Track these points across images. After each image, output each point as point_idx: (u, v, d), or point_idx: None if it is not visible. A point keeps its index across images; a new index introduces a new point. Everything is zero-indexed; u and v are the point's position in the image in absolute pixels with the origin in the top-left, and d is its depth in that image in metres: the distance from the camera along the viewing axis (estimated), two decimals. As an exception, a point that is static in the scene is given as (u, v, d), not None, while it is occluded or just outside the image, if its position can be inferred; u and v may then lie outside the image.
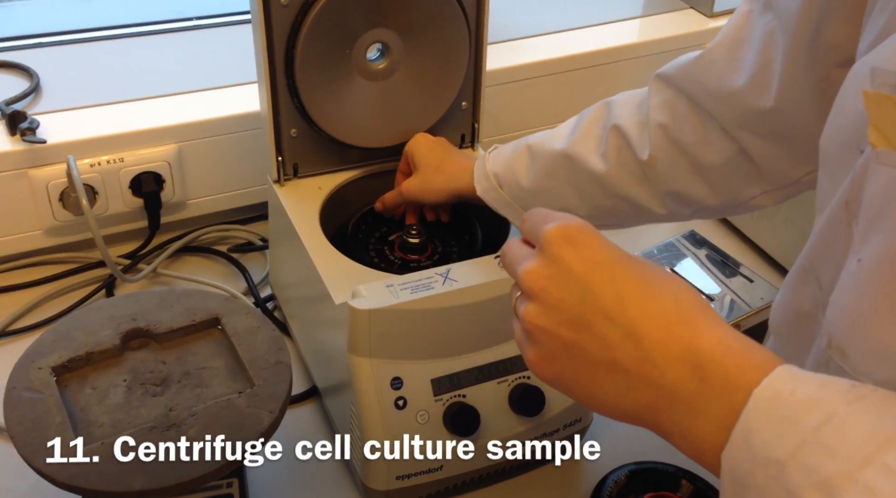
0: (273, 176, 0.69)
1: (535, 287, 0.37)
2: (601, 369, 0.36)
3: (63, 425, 0.50)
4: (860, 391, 0.31)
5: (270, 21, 0.62)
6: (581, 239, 0.37)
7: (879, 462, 0.29)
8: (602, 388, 0.36)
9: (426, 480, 0.59)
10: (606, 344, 0.36)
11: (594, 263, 0.36)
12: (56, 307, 0.77)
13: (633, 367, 0.35)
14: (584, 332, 0.36)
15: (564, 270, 0.37)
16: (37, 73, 0.84)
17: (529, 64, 0.92)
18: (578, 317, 0.36)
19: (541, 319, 0.37)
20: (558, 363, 0.38)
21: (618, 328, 0.35)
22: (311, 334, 0.69)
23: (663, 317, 0.35)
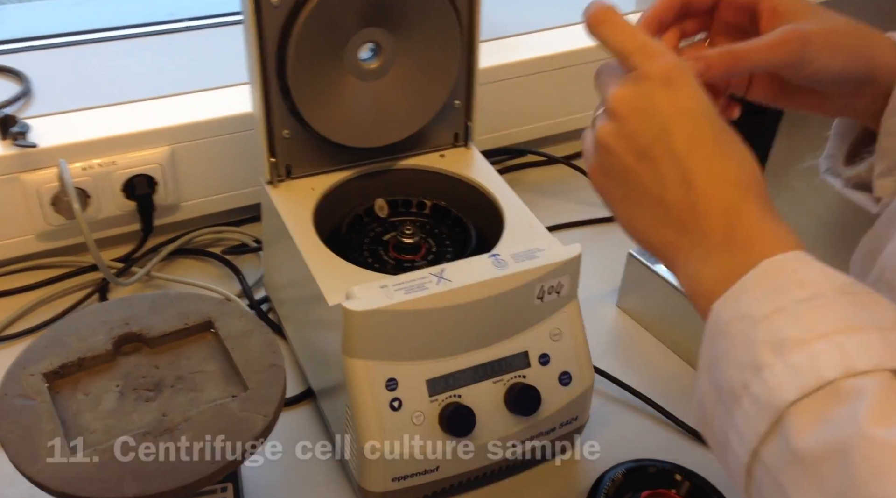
0: (266, 177, 0.68)
1: (620, 111, 0.40)
2: (646, 201, 0.39)
3: (55, 432, 0.50)
4: (856, 288, 0.34)
5: (261, 22, 0.61)
6: (678, 84, 0.39)
7: (834, 339, 0.32)
8: (640, 216, 0.40)
9: (422, 481, 0.59)
10: (661, 181, 0.39)
11: (680, 110, 0.39)
12: (49, 312, 0.76)
13: (675, 207, 0.38)
14: (647, 164, 0.39)
15: (651, 106, 0.39)
16: (28, 76, 0.84)
17: (523, 61, 0.91)
18: (647, 150, 0.39)
19: (613, 139, 0.40)
20: (612, 181, 0.41)
21: (677, 171, 0.38)
22: (306, 336, 0.69)
23: (722, 175, 0.38)
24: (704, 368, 0.37)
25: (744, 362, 0.34)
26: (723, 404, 0.35)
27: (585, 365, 0.63)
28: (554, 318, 0.61)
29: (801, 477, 0.31)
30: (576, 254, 0.60)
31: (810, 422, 0.31)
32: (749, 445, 0.33)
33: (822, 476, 0.30)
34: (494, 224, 0.67)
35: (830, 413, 0.31)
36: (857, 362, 0.32)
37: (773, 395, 0.32)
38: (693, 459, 0.65)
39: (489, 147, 0.95)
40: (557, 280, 0.60)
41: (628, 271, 0.78)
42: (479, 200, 0.70)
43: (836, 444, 0.30)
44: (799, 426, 0.31)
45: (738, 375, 0.34)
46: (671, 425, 0.69)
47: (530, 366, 0.60)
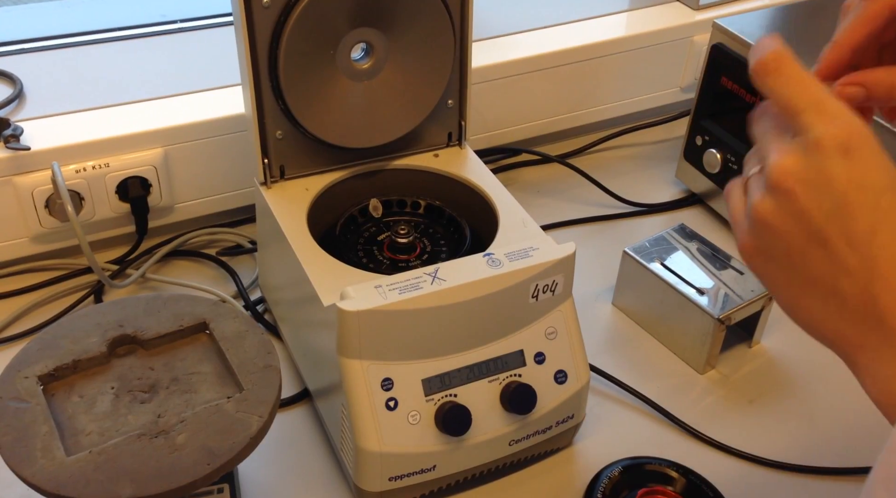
0: (259, 178, 0.68)
1: (785, 185, 0.34)
2: (817, 289, 0.34)
3: (50, 434, 0.50)
4: None
5: (252, 22, 0.61)
6: (859, 152, 0.33)
7: None
8: (809, 306, 0.35)
9: (419, 481, 0.59)
10: (836, 268, 0.34)
11: (861, 184, 0.33)
12: (44, 315, 0.76)
13: (853, 300, 0.33)
14: (817, 249, 0.34)
15: (825, 181, 0.33)
16: (20, 79, 0.84)
17: (516, 60, 0.91)
18: (819, 231, 0.34)
19: (776, 218, 0.35)
20: (772, 263, 0.36)
21: (856, 257, 0.33)
22: (301, 336, 0.69)
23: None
24: (883, 482, 0.31)
25: None
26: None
27: (581, 363, 0.63)
28: (549, 316, 0.61)
29: None
30: (570, 252, 0.60)
31: None
32: None
33: None
34: (489, 223, 0.67)
35: None
36: None
37: None
38: (689, 457, 0.66)
39: (483, 146, 0.95)
40: (552, 279, 0.60)
41: (623, 270, 0.78)
42: (473, 200, 0.70)
43: None
44: None
45: None
46: (667, 423, 0.69)
47: (526, 365, 0.61)
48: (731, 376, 0.74)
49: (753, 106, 0.76)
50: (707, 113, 0.87)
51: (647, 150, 1.01)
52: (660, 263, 0.75)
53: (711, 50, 0.85)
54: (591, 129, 1.01)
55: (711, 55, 0.85)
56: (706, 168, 0.88)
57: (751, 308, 0.72)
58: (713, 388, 0.73)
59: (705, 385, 0.73)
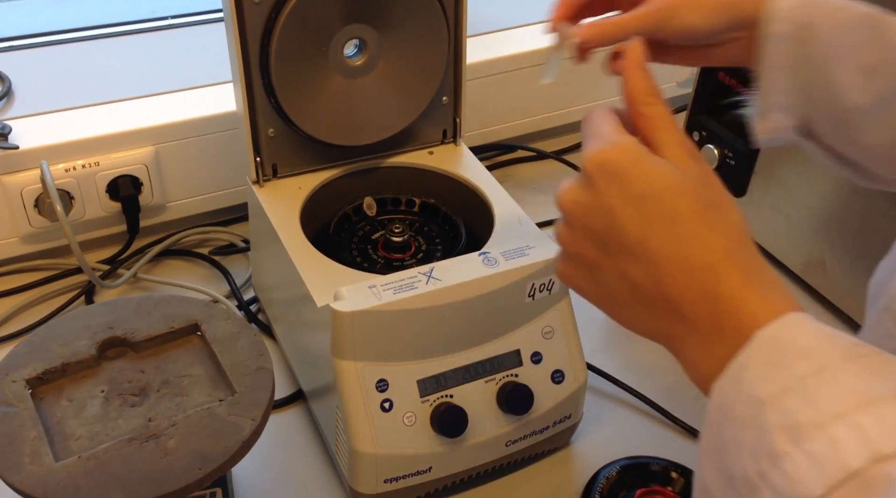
0: (252, 177, 0.67)
1: (565, 208, 0.38)
2: (623, 296, 0.37)
3: (39, 440, 0.49)
4: (861, 351, 0.32)
5: (243, 19, 0.60)
6: (619, 170, 0.36)
7: (852, 419, 0.29)
8: (622, 311, 0.38)
9: (415, 483, 0.59)
10: (627, 278, 0.36)
11: (626, 199, 0.36)
12: (34, 315, 0.75)
13: (653, 301, 0.36)
14: (608, 260, 0.37)
15: (595, 198, 0.37)
16: (8, 77, 0.83)
17: (510, 56, 0.90)
18: (603, 246, 0.37)
19: (567, 239, 0.39)
20: (582, 280, 0.39)
21: (640, 267, 0.36)
22: (295, 337, 0.68)
23: (684, 262, 0.35)
24: (709, 452, 0.34)
25: (757, 450, 0.31)
26: (735, 492, 0.32)
27: (578, 363, 0.62)
28: (546, 315, 0.61)
29: None
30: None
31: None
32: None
33: None
34: (484, 221, 0.66)
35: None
36: (881, 445, 0.29)
37: (797, 489, 0.30)
38: (688, 456, 0.65)
39: (478, 143, 0.94)
40: (549, 278, 0.59)
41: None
42: (468, 198, 0.69)
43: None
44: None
45: (752, 464, 0.31)
46: (666, 422, 0.69)
47: (522, 364, 0.60)
48: (730, 374, 0.73)
49: (751, 101, 0.75)
50: (704, 108, 0.87)
51: (643, 146, 1.00)
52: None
53: (708, 45, 0.84)
54: (587, 125, 1.00)
55: (708, 50, 0.84)
56: (703, 164, 0.87)
57: (749, 305, 0.72)
58: (711, 386, 0.72)
59: (703, 383, 0.72)
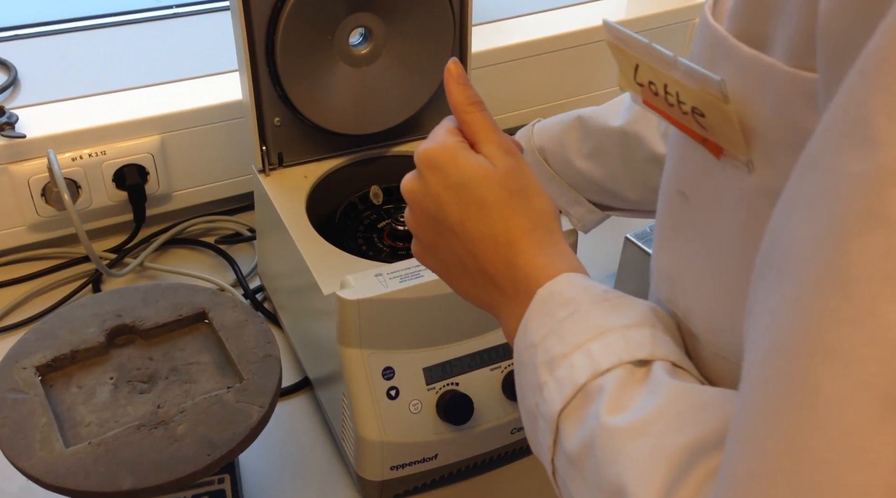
0: (258, 165, 0.68)
1: (407, 197, 0.45)
2: (455, 270, 0.44)
3: (49, 426, 0.49)
4: (608, 296, 0.39)
5: (249, 8, 0.60)
6: (439, 163, 0.43)
7: (586, 346, 0.36)
8: (458, 283, 0.44)
9: (421, 470, 0.59)
10: (455, 254, 0.43)
11: (446, 186, 0.42)
12: (42, 304, 0.76)
13: (475, 274, 0.43)
14: (440, 240, 0.43)
15: (424, 188, 0.43)
16: (14, 66, 0.83)
17: (515, 45, 0.90)
18: (435, 228, 0.43)
19: (411, 223, 0.45)
20: (426, 257, 0.45)
21: (461, 244, 0.42)
22: (301, 325, 0.68)
23: (492, 239, 0.42)
24: (518, 398, 0.40)
25: (532, 385, 0.38)
26: (531, 428, 0.39)
27: (582, 350, 0.62)
28: (550, 304, 0.61)
29: (575, 476, 0.35)
30: (571, 240, 0.59)
31: (573, 425, 0.35)
32: (546, 458, 0.37)
33: (584, 471, 0.34)
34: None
35: (584, 413, 0.35)
36: (601, 363, 0.35)
37: (549, 408, 0.36)
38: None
39: (483, 132, 0.94)
40: (553, 266, 0.59)
41: (625, 257, 0.78)
42: (473, 186, 0.69)
43: (586, 439, 0.34)
44: (567, 432, 0.36)
45: (531, 398, 0.38)
46: (669, 409, 0.69)
47: (527, 352, 0.60)
48: (734, 363, 0.73)
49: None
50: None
51: (648, 135, 1.00)
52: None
53: (713, 33, 0.84)
54: (592, 114, 1.00)
55: (713, 39, 0.84)
56: (708, 153, 0.87)
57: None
58: (715, 374, 0.72)
59: (707, 372, 0.72)
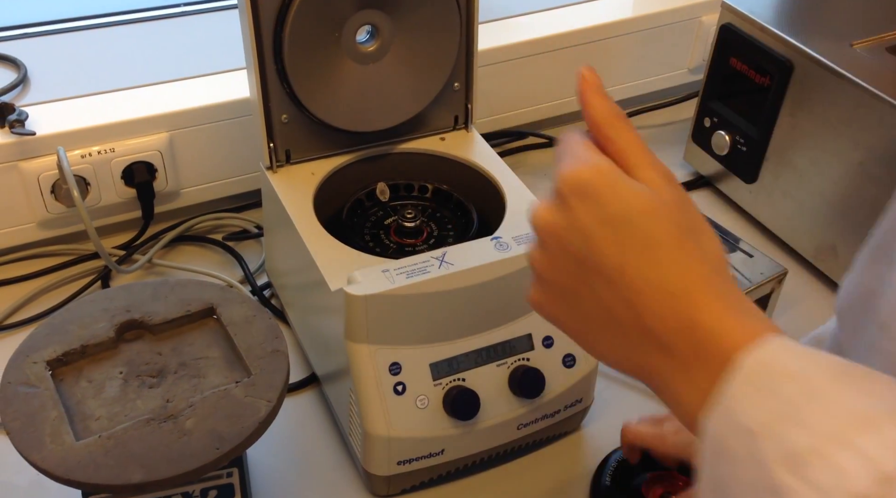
0: (265, 162, 0.68)
1: (540, 231, 0.36)
2: (598, 324, 0.36)
3: (59, 419, 0.50)
4: (849, 369, 0.31)
5: (257, 6, 0.61)
6: (594, 190, 0.35)
7: (850, 441, 0.28)
8: (599, 341, 0.36)
9: (427, 465, 0.59)
10: (604, 304, 0.35)
11: (602, 220, 0.34)
12: (51, 300, 0.76)
13: (630, 331, 0.35)
14: (584, 286, 0.35)
15: (571, 220, 0.35)
16: (24, 64, 0.83)
17: (522, 42, 0.90)
18: (578, 271, 0.35)
19: (541, 263, 0.37)
20: (556, 307, 0.37)
21: (616, 293, 0.34)
22: (308, 321, 0.69)
23: (663, 289, 0.34)
24: (708, 490, 0.32)
25: (758, 486, 0.29)
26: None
27: (589, 347, 0.62)
28: (557, 300, 0.61)
29: None
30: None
31: None
32: None
33: None
34: (496, 207, 0.67)
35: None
36: (885, 465, 0.28)
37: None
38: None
39: (490, 130, 0.94)
40: (560, 262, 0.59)
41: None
42: (480, 183, 0.69)
43: None
44: None
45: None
46: (675, 406, 0.69)
47: (534, 348, 0.60)
48: (740, 360, 0.73)
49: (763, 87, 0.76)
50: (715, 94, 0.87)
51: (654, 133, 1.00)
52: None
53: (720, 30, 0.84)
54: (599, 111, 1.00)
55: (720, 36, 0.84)
56: (715, 150, 0.87)
57: (760, 291, 0.72)
58: (721, 371, 0.72)
59: (714, 368, 0.72)
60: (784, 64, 0.77)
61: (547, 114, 0.97)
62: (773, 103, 0.79)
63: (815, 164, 0.78)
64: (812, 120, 0.77)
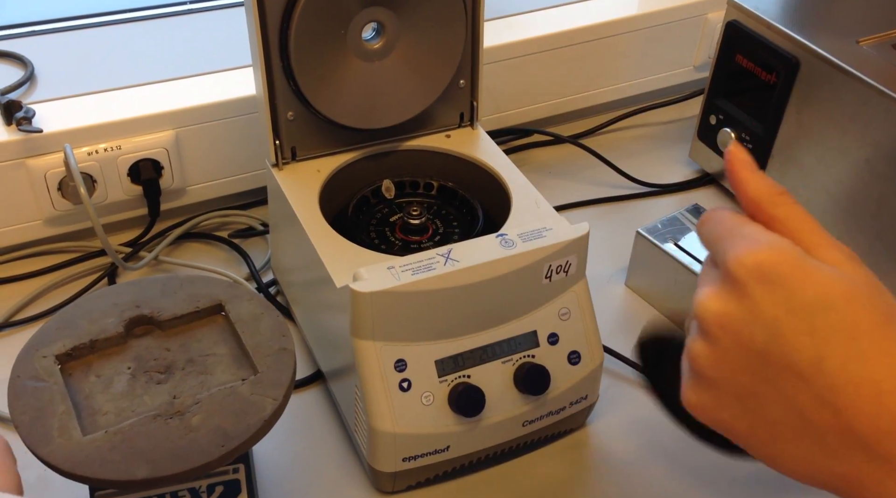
0: (271, 160, 0.68)
1: (711, 325, 0.31)
2: (785, 430, 0.31)
3: (67, 414, 0.50)
4: None
5: (263, 3, 0.61)
6: (780, 274, 0.30)
7: None
8: (785, 449, 0.32)
9: (433, 461, 0.59)
10: (795, 406, 0.30)
11: (792, 308, 0.30)
12: (58, 297, 0.77)
13: (830, 436, 0.30)
14: (767, 386, 0.31)
15: (751, 310, 0.30)
16: (31, 61, 0.84)
17: (527, 40, 0.90)
18: (761, 368, 0.31)
19: (710, 362, 0.32)
20: (727, 412, 0.32)
21: (811, 391, 0.30)
22: (314, 318, 0.69)
23: (873, 385, 0.29)
24: None
25: None
26: None
27: (594, 344, 0.63)
28: (562, 297, 0.61)
29: None
30: (583, 233, 0.60)
31: None
32: None
33: None
34: (501, 204, 0.67)
35: None
36: None
37: None
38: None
39: (495, 127, 0.94)
40: (565, 259, 0.59)
41: (636, 251, 0.78)
42: (485, 181, 0.70)
43: None
44: None
45: None
46: (680, 403, 0.69)
47: (539, 345, 0.60)
48: (745, 357, 0.73)
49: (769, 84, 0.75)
50: (721, 92, 0.86)
51: (660, 130, 1.00)
52: (673, 244, 0.74)
53: (726, 27, 0.84)
54: (604, 109, 1.00)
55: (726, 33, 0.84)
56: (720, 148, 0.87)
57: (765, 289, 0.72)
58: (727, 368, 0.72)
59: (719, 366, 0.73)
60: (790, 61, 0.77)
61: (552, 111, 0.97)
62: (780, 101, 0.79)
63: (821, 161, 0.78)
64: (818, 117, 0.77)
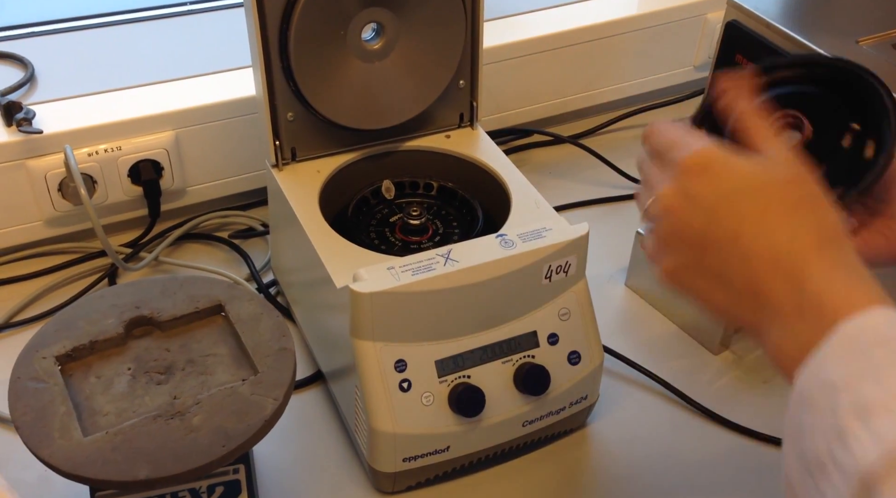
0: (271, 160, 0.68)
1: (667, 212, 0.41)
2: (716, 284, 0.41)
3: (68, 415, 0.50)
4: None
5: (262, 4, 0.61)
6: (714, 167, 0.40)
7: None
8: (714, 299, 0.41)
9: (433, 462, 0.60)
10: (724, 266, 0.40)
11: (721, 195, 0.40)
12: (58, 298, 0.77)
13: (743, 289, 0.39)
14: (704, 252, 0.40)
15: (694, 198, 0.40)
16: (31, 62, 0.84)
17: (527, 40, 0.91)
18: (701, 239, 0.41)
19: (666, 239, 0.42)
20: (684, 277, 0.42)
21: (733, 255, 0.39)
22: (314, 319, 0.69)
23: (772, 252, 0.38)
24: (789, 439, 0.36)
25: (827, 429, 0.33)
26: (809, 475, 0.34)
27: (594, 344, 0.63)
28: (562, 297, 0.61)
29: None
30: (583, 233, 0.60)
31: None
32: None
33: None
34: (501, 204, 0.67)
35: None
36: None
37: (855, 462, 0.31)
38: (704, 437, 0.66)
39: (495, 127, 0.94)
40: (565, 259, 0.59)
41: (636, 251, 0.78)
42: (485, 181, 0.70)
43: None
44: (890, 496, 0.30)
45: (823, 443, 0.33)
46: (682, 404, 0.69)
47: (539, 346, 0.61)
48: (746, 357, 0.73)
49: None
50: (721, 92, 0.86)
51: (659, 131, 1.00)
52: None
53: (726, 27, 0.84)
54: (604, 109, 1.00)
55: (726, 33, 0.84)
56: (720, 148, 0.87)
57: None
58: (727, 368, 0.72)
59: (719, 366, 0.73)
60: (790, 61, 0.77)
61: (552, 111, 0.98)
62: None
63: (820, 161, 0.78)
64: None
